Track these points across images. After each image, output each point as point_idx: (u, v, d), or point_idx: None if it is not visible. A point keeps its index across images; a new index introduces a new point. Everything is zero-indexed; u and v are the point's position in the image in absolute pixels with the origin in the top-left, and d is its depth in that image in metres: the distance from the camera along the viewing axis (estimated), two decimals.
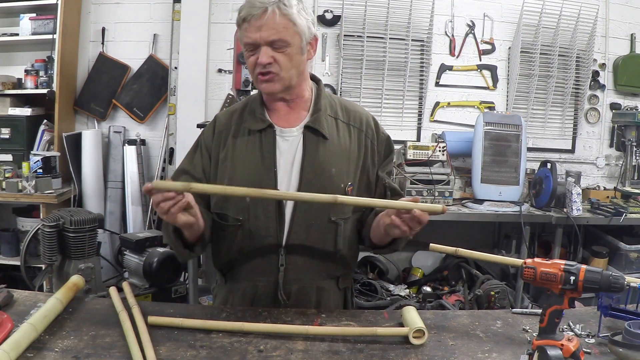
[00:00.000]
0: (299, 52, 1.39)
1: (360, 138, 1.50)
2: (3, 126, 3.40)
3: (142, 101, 3.66)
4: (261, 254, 1.43)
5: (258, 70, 1.37)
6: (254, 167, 1.43)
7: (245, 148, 1.45)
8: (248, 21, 1.33)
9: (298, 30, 1.36)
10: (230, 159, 1.46)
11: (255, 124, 1.46)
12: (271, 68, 1.36)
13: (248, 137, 1.45)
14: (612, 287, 1.05)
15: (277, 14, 1.32)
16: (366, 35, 3.61)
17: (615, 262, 3.28)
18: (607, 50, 3.87)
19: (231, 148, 1.46)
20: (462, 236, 3.46)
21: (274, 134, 1.44)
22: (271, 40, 1.33)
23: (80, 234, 1.93)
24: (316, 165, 1.42)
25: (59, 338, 1.19)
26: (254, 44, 1.35)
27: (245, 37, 1.36)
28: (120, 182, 3.63)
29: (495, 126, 3.33)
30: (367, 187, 1.51)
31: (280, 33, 1.33)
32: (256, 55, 1.36)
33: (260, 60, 1.34)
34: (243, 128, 1.47)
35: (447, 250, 1.58)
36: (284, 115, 1.47)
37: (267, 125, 1.44)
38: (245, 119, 1.48)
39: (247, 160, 1.44)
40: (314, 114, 1.46)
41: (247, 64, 1.40)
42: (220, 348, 1.18)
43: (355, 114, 1.52)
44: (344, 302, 1.57)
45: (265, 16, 1.31)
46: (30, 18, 3.40)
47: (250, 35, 1.34)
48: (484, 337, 1.30)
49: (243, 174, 1.43)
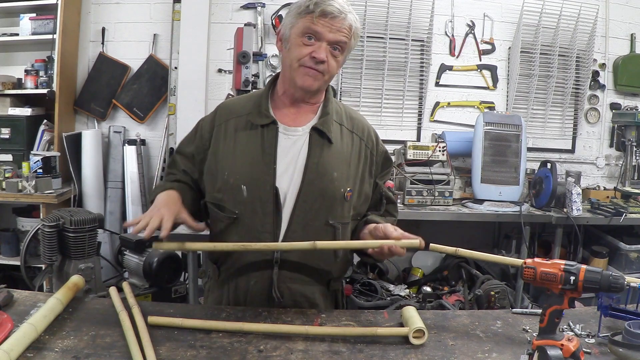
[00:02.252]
0: (342, 63, 1.46)
1: (361, 147, 1.52)
2: (3, 126, 3.40)
3: (142, 101, 3.66)
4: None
5: (309, 63, 1.39)
6: (253, 161, 1.43)
7: (246, 142, 1.45)
8: (325, 16, 1.36)
9: (352, 45, 1.44)
10: (232, 152, 1.45)
11: (259, 119, 1.46)
12: (322, 67, 1.39)
13: (250, 130, 1.46)
14: (612, 287, 1.05)
15: (352, 25, 1.40)
16: (366, 35, 3.61)
17: (615, 262, 3.28)
18: (607, 50, 3.87)
19: (232, 140, 1.46)
20: (462, 236, 3.46)
21: (277, 130, 1.45)
22: (336, 41, 1.39)
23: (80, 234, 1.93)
24: (319, 167, 1.42)
25: (59, 338, 1.19)
26: (319, 36, 1.38)
27: (312, 26, 1.37)
28: (120, 182, 3.63)
29: (495, 126, 3.33)
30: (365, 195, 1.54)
31: (346, 40, 1.40)
32: (312, 47, 1.38)
33: (319, 55, 1.37)
34: (246, 121, 1.47)
35: (447, 250, 1.57)
36: (290, 114, 1.48)
37: (271, 121, 1.45)
38: (250, 111, 1.48)
39: (247, 154, 1.44)
40: (322, 117, 1.47)
41: (296, 50, 1.40)
42: (220, 348, 1.18)
43: (358, 123, 1.55)
44: (334, 304, 1.58)
45: (341, 21, 1.38)
46: (30, 18, 3.40)
47: (321, 29, 1.37)
48: (484, 337, 1.30)
49: (243, 168, 1.43)
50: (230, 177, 1.43)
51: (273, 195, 1.40)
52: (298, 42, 1.39)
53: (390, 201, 1.61)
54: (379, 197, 1.58)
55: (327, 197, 1.42)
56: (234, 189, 1.42)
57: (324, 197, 1.42)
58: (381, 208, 1.58)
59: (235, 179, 1.42)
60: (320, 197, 1.42)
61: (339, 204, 1.44)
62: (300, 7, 1.39)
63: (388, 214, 1.61)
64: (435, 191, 3.24)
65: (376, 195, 1.58)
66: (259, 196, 1.41)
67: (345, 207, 1.46)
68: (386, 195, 1.59)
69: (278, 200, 1.41)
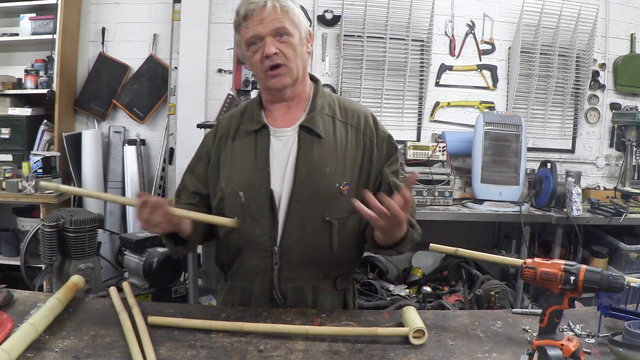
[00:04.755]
0: (300, 44, 1.41)
1: (358, 137, 1.49)
2: (3, 126, 3.40)
3: (142, 101, 3.66)
4: (256, 253, 1.43)
5: (267, 64, 1.37)
6: (248, 167, 1.44)
7: (242, 149, 1.46)
8: (250, 17, 1.35)
9: (296, 22, 1.39)
10: (229, 161, 1.47)
11: (251, 125, 1.47)
12: (278, 60, 1.37)
13: (245, 138, 1.47)
14: (612, 287, 1.05)
15: (277, 7, 1.36)
16: (366, 35, 3.61)
17: (615, 262, 3.28)
18: (607, 50, 3.87)
19: (230, 150, 1.49)
20: (462, 236, 3.46)
21: (268, 134, 1.45)
22: (275, 28, 1.35)
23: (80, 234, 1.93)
24: (310, 164, 1.41)
25: (59, 338, 1.19)
26: (257, 36, 1.36)
27: (247, 34, 1.37)
28: (120, 182, 3.63)
29: (495, 126, 3.33)
30: (366, 186, 1.49)
31: (283, 22, 1.36)
32: (260, 50, 1.37)
33: (268, 51, 1.35)
34: (241, 130, 1.49)
35: (447, 250, 1.58)
36: (281, 115, 1.48)
37: (262, 125, 1.45)
38: (243, 121, 1.50)
39: (242, 161, 1.45)
40: (309, 113, 1.46)
41: (252, 63, 1.41)
42: (220, 348, 1.18)
43: (353, 113, 1.51)
44: (343, 304, 1.55)
45: (266, 10, 1.34)
46: (30, 18, 3.40)
47: (252, 29, 1.35)
48: (484, 337, 1.30)
49: (239, 175, 1.44)
50: (228, 185, 1.45)
51: (268, 199, 1.40)
52: (249, 55, 1.40)
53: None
54: (388, 188, 1.47)
55: (321, 193, 1.41)
56: (233, 196, 1.44)
57: (318, 195, 1.41)
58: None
59: (233, 186, 1.44)
60: (313, 194, 1.40)
61: (335, 199, 1.42)
62: (234, 23, 1.41)
63: None
64: (435, 191, 3.24)
65: (385, 188, 1.47)
66: (255, 201, 1.41)
67: (343, 202, 1.43)
68: (396, 185, 1.46)
69: (273, 202, 1.41)
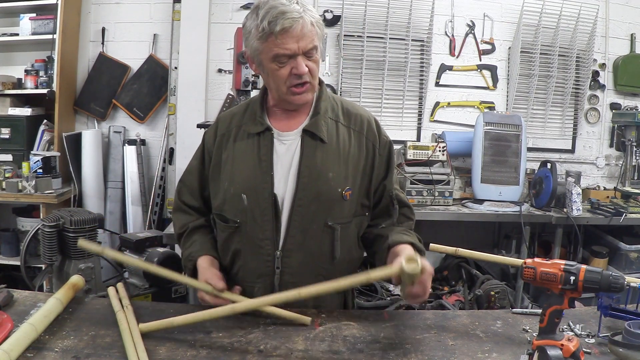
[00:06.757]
0: (320, 58, 1.40)
1: (361, 141, 1.48)
2: (3, 126, 3.40)
3: (142, 101, 3.66)
4: (258, 256, 1.43)
5: (294, 81, 1.35)
6: (251, 170, 1.43)
7: (244, 151, 1.45)
8: (285, 32, 1.29)
9: (320, 34, 1.37)
10: (231, 162, 1.46)
11: (254, 127, 1.45)
12: (306, 78, 1.36)
13: (247, 140, 1.46)
14: (612, 287, 1.05)
15: (310, 22, 1.33)
16: (366, 35, 3.61)
17: (615, 262, 3.29)
18: (607, 50, 3.87)
19: (231, 150, 1.47)
20: (462, 236, 3.46)
21: (272, 137, 1.44)
22: (309, 48, 1.33)
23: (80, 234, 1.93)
24: (313, 169, 1.41)
25: (59, 338, 1.19)
26: (292, 55, 1.33)
27: (280, 49, 1.31)
28: (120, 182, 3.63)
29: (495, 126, 3.33)
30: (367, 192, 1.49)
31: (314, 41, 1.34)
32: (288, 66, 1.34)
33: (302, 71, 1.33)
34: (242, 131, 1.47)
35: (447, 250, 1.58)
36: (284, 118, 1.47)
37: (265, 128, 1.44)
38: (245, 121, 1.49)
39: (245, 163, 1.44)
40: (312, 117, 1.45)
41: (274, 76, 1.36)
42: (220, 348, 1.18)
43: (356, 117, 1.51)
44: (343, 304, 1.56)
45: (301, 26, 1.31)
46: (30, 18, 3.40)
47: (288, 46, 1.31)
48: (484, 337, 1.30)
49: (242, 177, 1.43)
50: (230, 186, 1.44)
51: (272, 203, 1.40)
52: (274, 68, 1.35)
53: (404, 204, 1.53)
54: (389, 200, 1.50)
55: (323, 198, 1.40)
56: (235, 198, 1.43)
57: (320, 199, 1.40)
58: (394, 215, 1.50)
59: (235, 188, 1.43)
60: (316, 199, 1.40)
61: (337, 204, 1.42)
62: (258, 30, 1.32)
63: (405, 217, 1.54)
64: (435, 191, 3.24)
65: (386, 199, 1.50)
66: (259, 204, 1.41)
67: (345, 207, 1.44)
68: (398, 198, 1.51)
69: (277, 207, 1.40)
